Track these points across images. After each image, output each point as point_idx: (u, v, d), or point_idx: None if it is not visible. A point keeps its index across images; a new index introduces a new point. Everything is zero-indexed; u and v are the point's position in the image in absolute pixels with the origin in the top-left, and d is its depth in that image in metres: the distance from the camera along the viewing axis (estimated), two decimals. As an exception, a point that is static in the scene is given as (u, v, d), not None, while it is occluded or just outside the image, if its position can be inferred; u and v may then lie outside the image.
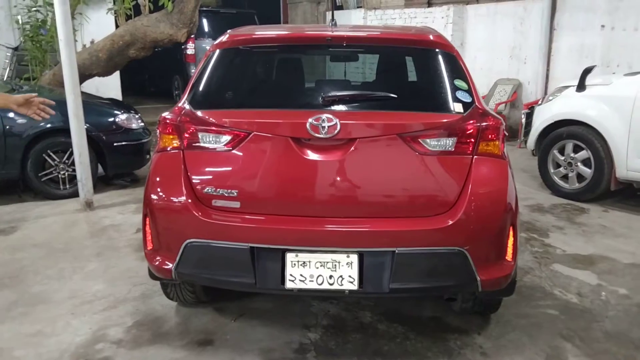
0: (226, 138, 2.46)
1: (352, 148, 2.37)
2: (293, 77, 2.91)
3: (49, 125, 5.30)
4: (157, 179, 2.58)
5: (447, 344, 2.83)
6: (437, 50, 2.63)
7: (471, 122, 2.45)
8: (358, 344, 2.84)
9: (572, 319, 3.09)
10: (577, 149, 5.26)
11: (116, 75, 8.92)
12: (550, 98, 5.66)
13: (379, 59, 2.77)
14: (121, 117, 5.72)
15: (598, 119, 5.01)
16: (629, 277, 3.65)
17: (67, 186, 5.39)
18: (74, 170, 5.24)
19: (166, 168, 2.57)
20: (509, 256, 2.50)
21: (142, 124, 5.99)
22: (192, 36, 9.11)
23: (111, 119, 5.66)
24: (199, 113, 2.54)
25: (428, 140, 2.40)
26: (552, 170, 5.47)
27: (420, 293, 2.66)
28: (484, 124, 2.46)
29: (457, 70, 2.62)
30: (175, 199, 2.49)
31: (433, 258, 2.38)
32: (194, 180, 2.49)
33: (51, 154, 5.30)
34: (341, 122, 2.34)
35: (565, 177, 5.41)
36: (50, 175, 5.33)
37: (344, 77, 3.54)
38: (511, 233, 2.48)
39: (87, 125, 5.12)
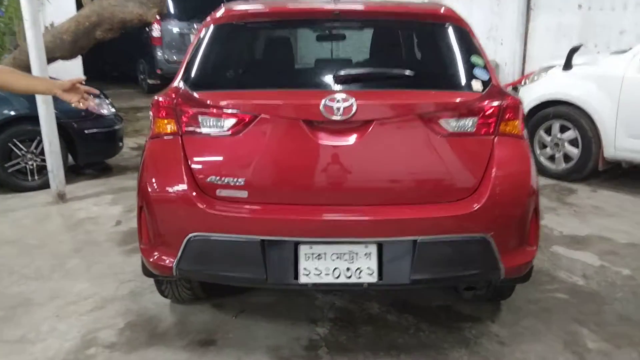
0: (230, 122, 2.24)
1: (369, 131, 2.20)
2: (297, 54, 2.70)
3: (13, 113, 4.94)
4: (153, 168, 2.35)
5: (462, 334, 2.72)
6: (451, 24, 2.47)
7: (491, 100, 2.30)
8: (370, 337, 2.70)
9: (583, 302, 3.03)
10: (563, 129, 5.23)
11: (78, 59, 8.46)
12: (535, 78, 5.60)
13: (386, 34, 2.58)
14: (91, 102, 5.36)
15: (586, 99, 4.98)
16: (629, 257, 3.62)
17: (36, 177, 5.04)
18: (42, 160, 4.91)
19: (163, 156, 2.35)
20: (531, 242, 2.38)
21: (113, 109, 5.66)
22: (158, 17, 8.71)
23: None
24: (198, 95, 2.32)
25: (448, 121, 2.24)
26: (538, 151, 5.43)
27: (442, 283, 2.54)
28: (505, 102, 2.32)
29: (472, 46, 2.47)
30: (175, 190, 2.27)
31: (456, 246, 2.25)
32: (195, 169, 2.28)
33: (17, 143, 4.93)
34: (357, 102, 2.16)
35: (551, 158, 5.38)
36: (18, 166, 4.97)
37: (338, 55, 3.34)
38: (534, 217, 2.36)
39: (56, 111, 4.76)
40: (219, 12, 2.54)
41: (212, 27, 2.49)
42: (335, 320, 2.84)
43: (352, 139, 2.21)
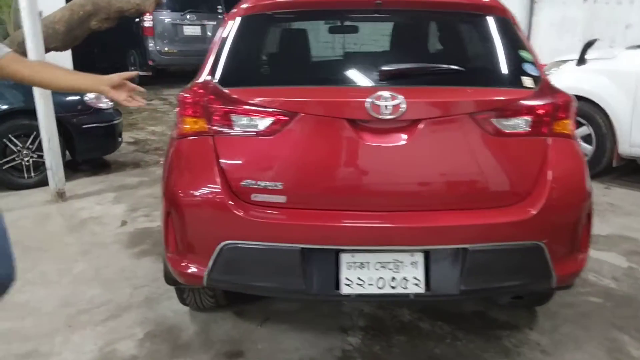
0: (267, 121, 2.07)
1: (417, 130, 2.04)
2: (334, 48, 2.53)
3: (5, 107, 4.70)
4: (183, 170, 2.17)
5: (501, 342, 2.60)
6: (498, 16, 2.32)
7: (545, 98, 2.17)
8: (405, 347, 2.56)
9: (618, 306, 2.93)
10: (577, 125, 5.12)
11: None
12: (547, 73, 5.48)
13: (428, 26, 2.42)
14: (89, 95, 5.14)
15: (601, 94, 4.88)
16: (656, 258, 3.54)
17: (33, 174, 4.81)
18: (39, 156, 4.69)
19: (193, 157, 2.17)
20: (582, 248, 2.26)
21: (112, 103, 5.43)
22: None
23: (78, 98, 5.07)
24: (230, 91, 2.14)
25: (501, 120, 2.10)
26: None
27: (493, 294, 2.41)
28: (558, 100, 2.19)
29: (519, 39, 2.33)
30: (208, 195, 2.10)
31: (509, 255, 2.11)
32: (228, 172, 2.10)
33: (13, 138, 4.70)
34: (407, 100, 2.00)
35: (563, 154, 5.27)
36: (13, 162, 4.73)
37: (365, 47, 3.14)
38: (587, 223, 2.24)
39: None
40: (249, 2, 2.35)
41: (242, 18, 2.30)
42: (366, 329, 2.70)
43: (399, 140, 2.05)
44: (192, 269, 2.18)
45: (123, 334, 2.63)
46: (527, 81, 2.21)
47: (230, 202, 2.07)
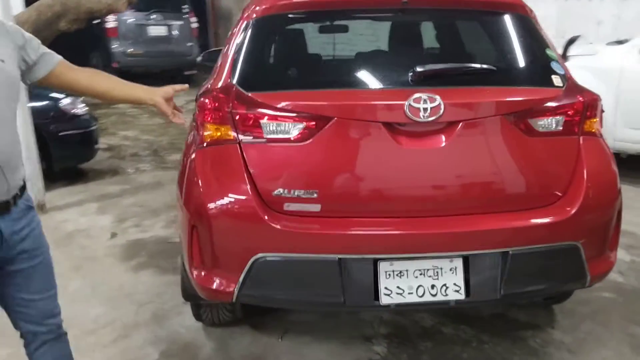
0: (299, 126, 1.97)
1: (454, 133, 1.99)
2: (360, 49, 2.44)
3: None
4: (209, 181, 2.04)
5: (527, 343, 2.57)
6: (521, 14, 2.29)
7: (575, 97, 2.15)
8: (432, 353, 2.51)
9: (631, 301, 2.96)
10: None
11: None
12: None
13: (453, 25, 2.35)
14: (64, 101, 4.88)
15: None
16: (655, 250, 3.61)
17: (8, 186, 4.51)
18: (14, 166, 4.39)
19: (219, 167, 2.05)
20: (612, 247, 2.26)
21: (87, 108, 5.18)
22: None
23: (53, 104, 4.81)
24: (256, 96, 2.03)
25: (536, 120, 2.07)
26: None
27: (532, 297, 2.38)
28: (588, 99, 2.17)
29: (543, 37, 2.30)
30: (238, 206, 1.99)
31: (548, 256, 2.08)
32: (258, 181, 1.99)
33: (-15, 148, 4.40)
34: (445, 102, 1.94)
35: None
36: (-14, 174, 4.43)
37: (379, 46, 3.02)
38: (617, 221, 2.23)
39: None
40: (267, 2, 2.24)
41: (260, 18, 2.19)
42: (390, 337, 2.63)
43: (436, 143, 1.99)
44: (221, 285, 2.05)
45: (136, 355, 2.48)
46: (556, 80, 2.18)
47: (262, 213, 1.96)
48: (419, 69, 2.01)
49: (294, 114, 1.97)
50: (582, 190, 2.07)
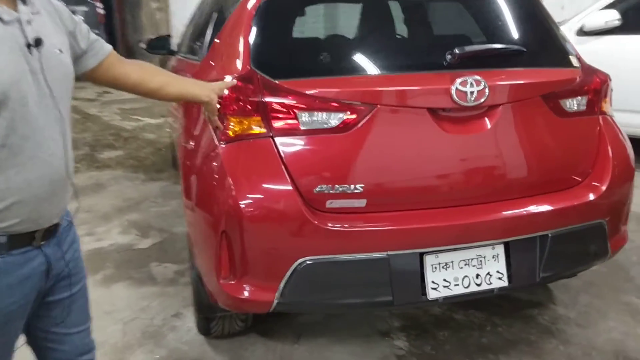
0: (339, 115, 1.81)
1: (496, 116, 1.93)
2: (384, 32, 2.27)
3: None
4: (241, 181, 1.81)
5: (538, 321, 2.61)
6: (533, -4, 2.27)
7: (593, 77, 2.18)
8: (454, 342, 2.46)
9: (614, 271, 3.08)
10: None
11: None
12: None
13: (477, 5, 2.25)
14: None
15: None
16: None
17: None
18: None
19: (252, 164, 1.83)
20: (625, 221, 2.33)
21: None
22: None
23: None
24: (288, 84, 1.83)
25: (565, 101, 2.06)
26: None
27: (564, 277, 2.37)
28: (603, 78, 2.20)
29: (553, 19, 2.31)
30: (278, 206, 1.79)
31: (580, 235, 2.11)
32: (297, 178, 1.81)
33: None
34: (489, 84, 1.87)
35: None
36: None
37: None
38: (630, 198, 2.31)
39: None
40: None
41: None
42: (406, 330, 2.55)
43: (479, 128, 1.93)
44: (256, 294, 1.85)
45: (142, 382, 2.19)
46: (574, 60, 2.20)
47: (307, 213, 1.78)
48: (458, 50, 1.91)
49: (334, 102, 1.80)
50: (609, 168, 2.11)
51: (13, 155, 1.16)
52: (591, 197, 2.07)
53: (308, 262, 1.80)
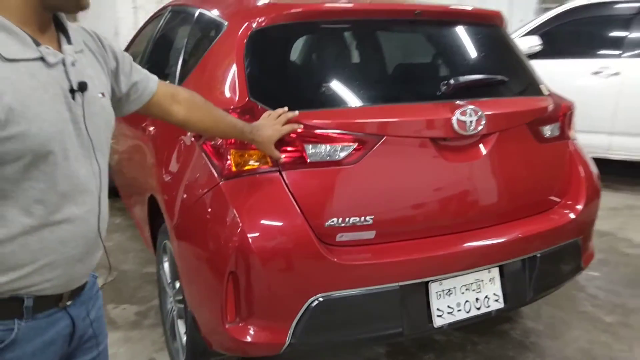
0: (348, 147, 1.78)
1: (491, 144, 2.00)
2: (379, 62, 2.26)
3: None
4: (250, 218, 1.72)
5: (512, 337, 2.72)
6: (502, 27, 2.39)
7: (561, 104, 2.32)
8: (439, 363, 2.50)
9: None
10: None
11: None
12: None
13: (457, 37, 2.31)
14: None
15: None
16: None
17: None
18: None
19: (261, 200, 1.75)
20: (592, 237, 2.49)
21: None
22: None
23: None
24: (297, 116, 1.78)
25: (545, 127, 2.18)
26: None
27: (548, 294, 2.45)
28: (570, 104, 2.36)
29: (521, 50, 2.45)
30: (293, 242, 1.73)
31: (562, 254, 2.22)
32: (308, 212, 1.76)
33: None
34: (485, 113, 1.93)
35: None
36: None
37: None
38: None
39: None
40: (265, 12, 1.97)
41: (267, 28, 1.93)
42: (392, 355, 2.54)
43: (476, 156, 1.98)
44: (266, 337, 1.77)
45: None
46: (543, 88, 2.33)
47: (320, 248, 1.73)
48: (454, 81, 1.96)
49: (342, 134, 1.78)
50: (583, 189, 2.25)
51: (49, 213, 1.02)
52: (571, 216, 2.19)
53: (320, 299, 1.75)
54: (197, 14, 2.43)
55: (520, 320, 2.86)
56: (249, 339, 1.76)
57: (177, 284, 2.23)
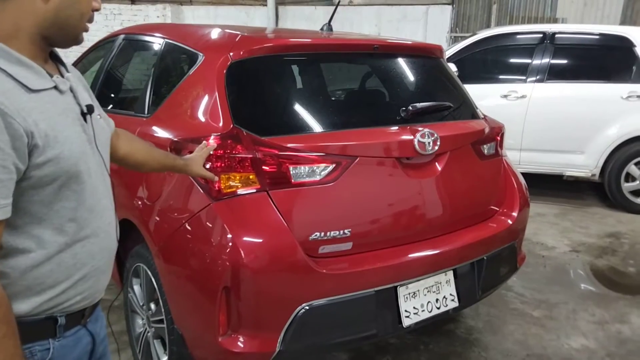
0: (327, 167, 1.98)
1: (444, 162, 2.28)
2: (348, 90, 2.45)
3: None
4: (242, 236, 1.86)
5: (457, 335, 3.01)
6: (443, 59, 2.71)
7: (494, 125, 2.67)
8: (398, 365, 2.73)
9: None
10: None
11: None
12: None
13: (403, 69, 2.57)
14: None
15: None
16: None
17: None
18: None
19: (252, 219, 1.89)
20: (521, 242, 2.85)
21: None
22: None
23: None
24: (277, 140, 1.95)
25: (484, 146, 2.51)
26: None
27: (493, 292, 2.73)
28: (501, 125, 2.72)
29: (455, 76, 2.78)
30: (282, 256, 1.88)
31: (503, 256, 2.54)
32: (295, 227, 1.93)
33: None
34: (439, 135, 2.21)
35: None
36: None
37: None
38: (525, 220, 2.84)
39: None
40: (243, 44, 2.13)
41: (255, 57, 2.09)
42: (354, 360, 2.74)
43: (433, 172, 2.25)
44: (258, 346, 1.90)
45: None
46: (479, 112, 2.67)
47: (308, 261, 1.91)
48: (412, 107, 2.22)
49: (322, 156, 1.97)
50: (517, 198, 2.60)
51: (80, 229, 1.13)
52: (509, 222, 2.52)
53: (308, 307, 1.91)
54: (163, 43, 2.53)
55: (462, 320, 3.17)
56: (240, 349, 1.89)
57: (152, 306, 2.29)
